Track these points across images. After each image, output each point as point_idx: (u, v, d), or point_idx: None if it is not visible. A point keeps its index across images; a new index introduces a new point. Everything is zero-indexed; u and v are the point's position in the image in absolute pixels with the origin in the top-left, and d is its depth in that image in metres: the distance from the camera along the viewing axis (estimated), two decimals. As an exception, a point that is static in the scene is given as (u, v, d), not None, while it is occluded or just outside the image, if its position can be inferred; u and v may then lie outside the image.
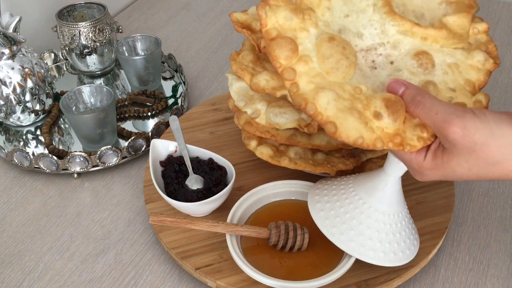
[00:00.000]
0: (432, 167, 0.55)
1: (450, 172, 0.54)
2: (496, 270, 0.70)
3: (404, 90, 0.55)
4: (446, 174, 0.55)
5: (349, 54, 0.57)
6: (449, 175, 0.55)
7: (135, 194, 0.82)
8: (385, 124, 0.54)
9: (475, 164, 0.52)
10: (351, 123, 0.53)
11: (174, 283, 0.70)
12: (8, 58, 0.88)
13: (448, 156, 0.53)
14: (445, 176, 0.55)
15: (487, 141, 0.51)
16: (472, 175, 0.54)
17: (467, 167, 0.53)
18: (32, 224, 0.78)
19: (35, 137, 0.92)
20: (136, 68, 0.98)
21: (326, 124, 0.53)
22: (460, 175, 0.54)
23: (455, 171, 0.54)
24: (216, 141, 0.87)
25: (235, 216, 0.70)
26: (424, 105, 0.54)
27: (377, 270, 0.66)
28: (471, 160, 0.52)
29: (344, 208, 0.64)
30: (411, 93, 0.54)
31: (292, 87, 0.55)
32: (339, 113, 0.54)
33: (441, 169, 0.54)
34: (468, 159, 0.52)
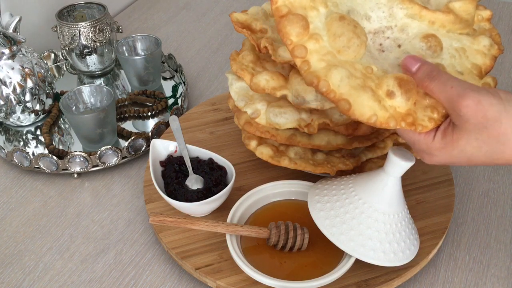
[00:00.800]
0: (442, 146, 0.53)
1: (459, 152, 0.53)
2: (496, 270, 0.70)
3: (420, 66, 0.54)
4: (456, 154, 0.53)
5: (360, 33, 0.56)
6: (459, 155, 0.53)
7: (135, 194, 0.82)
8: (398, 103, 0.54)
9: (485, 142, 0.51)
10: (365, 100, 0.53)
11: (174, 283, 0.70)
12: (8, 58, 0.88)
13: (458, 133, 0.52)
14: (454, 157, 0.54)
15: (500, 117, 0.50)
16: (482, 155, 0.52)
17: (477, 145, 0.51)
18: (32, 224, 0.78)
19: (35, 137, 0.92)
20: (136, 68, 0.98)
21: (339, 101, 0.53)
22: (470, 155, 0.52)
23: (464, 150, 0.52)
24: (216, 141, 0.87)
25: (235, 216, 0.70)
26: (439, 80, 0.53)
27: (377, 270, 0.66)
28: (482, 137, 0.51)
29: (344, 208, 0.64)
30: (427, 68, 0.54)
31: (303, 64, 0.54)
32: (352, 90, 0.53)
33: (450, 148, 0.53)
34: (479, 136, 0.51)
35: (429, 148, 0.55)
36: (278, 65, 0.71)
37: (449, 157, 0.54)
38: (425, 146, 0.55)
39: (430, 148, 0.54)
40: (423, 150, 0.55)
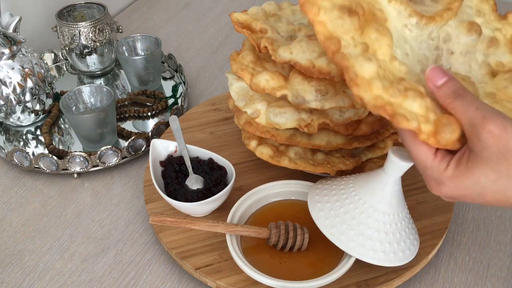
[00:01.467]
0: (455, 175, 0.49)
1: (472, 184, 0.48)
2: (496, 270, 0.70)
3: (447, 81, 0.50)
4: (468, 185, 0.49)
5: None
6: (471, 188, 0.49)
7: (135, 194, 0.82)
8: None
9: (503, 175, 0.47)
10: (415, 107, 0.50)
11: (174, 283, 0.70)
12: (8, 58, 0.88)
13: (473, 162, 0.48)
14: (465, 189, 0.49)
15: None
16: (496, 190, 0.48)
17: (493, 177, 0.47)
18: (32, 224, 0.78)
19: (35, 137, 0.92)
20: (136, 68, 0.98)
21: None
22: (483, 188, 0.48)
23: (478, 182, 0.48)
24: (216, 141, 0.87)
25: (235, 216, 0.70)
26: (464, 98, 0.49)
27: (377, 270, 0.66)
28: (500, 169, 0.47)
29: (344, 208, 0.64)
30: (454, 85, 0.50)
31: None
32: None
33: (464, 178, 0.49)
34: (496, 167, 0.47)
35: (440, 176, 0.50)
36: (278, 65, 0.71)
37: (459, 189, 0.50)
38: (437, 174, 0.50)
39: (441, 177, 0.50)
40: (434, 178, 0.51)
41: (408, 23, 0.56)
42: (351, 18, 0.51)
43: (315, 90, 0.66)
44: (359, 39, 0.51)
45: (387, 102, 0.49)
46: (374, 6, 0.54)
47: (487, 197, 0.49)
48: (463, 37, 0.58)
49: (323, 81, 0.65)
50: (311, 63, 0.64)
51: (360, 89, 0.49)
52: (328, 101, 0.66)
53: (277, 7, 0.76)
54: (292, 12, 0.75)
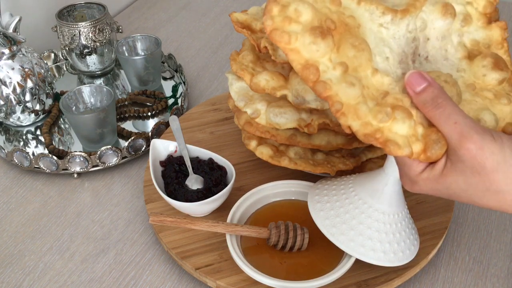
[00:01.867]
0: (429, 177, 0.51)
1: (443, 188, 0.51)
2: (496, 270, 0.70)
3: (427, 87, 0.50)
4: (439, 188, 0.51)
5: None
6: (441, 190, 0.52)
7: (135, 194, 0.82)
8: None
9: (473, 187, 0.49)
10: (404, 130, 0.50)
11: (174, 283, 0.70)
12: (8, 58, 0.88)
13: (448, 170, 0.50)
14: (436, 191, 0.52)
15: (498, 168, 0.47)
16: (465, 197, 0.51)
17: (463, 187, 0.50)
18: (32, 224, 0.78)
19: (35, 137, 0.92)
20: (136, 68, 0.98)
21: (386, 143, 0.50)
22: (452, 193, 0.51)
23: (449, 188, 0.51)
24: (216, 141, 0.87)
25: (235, 216, 0.70)
26: (444, 110, 0.49)
27: (377, 270, 0.66)
28: (471, 182, 0.49)
29: (344, 208, 0.64)
30: (434, 92, 0.50)
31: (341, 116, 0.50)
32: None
33: (435, 182, 0.51)
34: (468, 180, 0.49)
35: (416, 176, 0.52)
36: (278, 65, 0.71)
37: (431, 190, 0.52)
38: (413, 174, 0.52)
39: (417, 177, 0.52)
40: (409, 176, 0.53)
41: (383, 22, 0.54)
42: (325, 41, 0.50)
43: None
44: (336, 59, 0.50)
45: (377, 129, 0.49)
46: (344, 14, 0.52)
47: (455, 198, 0.52)
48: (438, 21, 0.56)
49: (323, 81, 0.65)
50: None
51: (347, 118, 0.49)
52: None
53: None
54: (292, 12, 0.75)
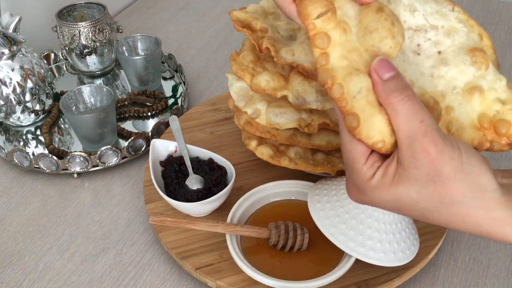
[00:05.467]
0: (377, 187, 0.47)
1: (392, 200, 0.46)
2: (496, 270, 0.70)
3: (394, 76, 0.46)
4: (388, 200, 0.47)
5: (397, 33, 0.48)
6: (390, 203, 0.47)
7: (135, 194, 0.82)
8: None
9: (426, 199, 0.45)
10: (377, 123, 0.46)
11: (174, 283, 0.70)
12: (8, 58, 0.88)
13: (400, 177, 0.45)
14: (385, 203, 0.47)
15: (454, 176, 0.44)
16: (415, 211, 0.46)
17: (415, 198, 0.45)
18: (32, 224, 0.78)
19: (35, 137, 0.92)
20: (136, 68, 0.98)
21: (348, 115, 0.46)
22: (402, 205, 0.46)
23: (399, 200, 0.46)
24: (216, 141, 0.87)
25: (235, 216, 0.70)
26: (413, 105, 0.45)
27: (377, 270, 0.66)
28: (425, 192, 0.45)
29: (344, 208, 0.64)
30: (401, 84, 0.45)
31: (322, 58, 0.46)
32: (368, 107, 0.46)
33: (385, 192, 0.46)
34: (422, 190, 0.45)
35: (363, 184, 0.48)
36: (278, 66, 0.71)
37: (379, 201, 0.48)
38: (361, 182, 0.48)
39: (365, 185, 0.47)
40: (357, 185, 0.48)
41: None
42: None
43: (316, 91, 0.66)
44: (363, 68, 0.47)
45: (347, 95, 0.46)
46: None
47: (403, 212, 0.48)
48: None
49: (323, 81, 0.65)
50: (313, 66, 0.64)
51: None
52: (328, 101, 0.66)
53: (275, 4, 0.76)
54: (292, 11, 0.75)
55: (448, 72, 0.51)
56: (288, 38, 0.70)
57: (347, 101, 0.46)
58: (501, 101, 0.51)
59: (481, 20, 1.21)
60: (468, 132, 0.52)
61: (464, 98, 0.51)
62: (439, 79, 0.52)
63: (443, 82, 0.52)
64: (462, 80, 0.51)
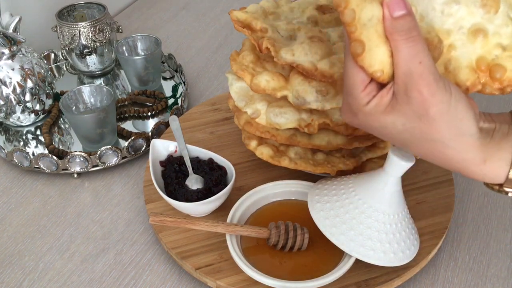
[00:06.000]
0: (370, 113, 0.50)
1: (379, 126, 0.51)
2: (496, 270, 0.70)
3: (404, 15, 0.47)
4: (375, 126, 0.51)
5: None
6: (377, 128, 0.51)
7: (135, 194, 0.82)
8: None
9: (409, 132, 0.49)
10: (381, 54, 0.48)
11: (174, 283, 0.70)
12: (8, 58, 0.88)
13: (391, 108, 0.49)
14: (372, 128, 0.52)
15: (440, 118, 0.48)
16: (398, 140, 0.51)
17: (400, 129, 0.50)
18: (32, 224, 0.78)
19: (35, 137, 0.92)
20: (136, 68, 0.98)
21: (355, 41, 0.47)
22: (387, 133, 0.51)
23: (385, 127, 0.50)
24: (216, 141, 0.87)
25: (235, 216, 0.70)
26: (415, 45, 0.47)
27: (377, 270, 0.66)
28: (409, 126, 0.49)
29: (344, 208, 0.64)
30: (410, 23, 0.47)
31: None
32: (375, 37, 0.47)
33: (375, 118, 0.50)
34: (407, 123, 0.49)
35: (358, 109, 0.51)
36: (278, 66, 0.71)
37: (367, 125, 0.52)
38: (356, 106, 0.51)
39: (358, 110, 0.51)
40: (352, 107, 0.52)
41: None
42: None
43: (316, 91, 0.66)
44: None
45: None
46: None
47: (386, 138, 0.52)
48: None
49: (324, 82, 0.65)
50: (313, 66, 0.64)
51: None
52: (328, 101, 0.66)
53: (275, 4, 0.76)
54: (290, 9, 0.75)
55: (458, 11, 0.52)
56: (288, 38, 0.70)
57: (356, 27, 0.47)
58: (503, 46, 0.52)
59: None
60: (463, 73, 0.53)
61: (468, 39, 0.53)
62: (448, 17, 0.53)
63: (452, 20, 0.53)
64: (469, 21, 0.52)
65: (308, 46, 0.65)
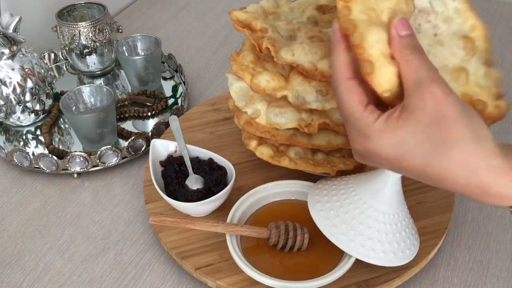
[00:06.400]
0: (383, 130, 0.48)
1: (398, 143, 0.48)
2: (496, 270, 0.70)
3: (411, 35, 0.50)
4: (394, 144, 0.48)
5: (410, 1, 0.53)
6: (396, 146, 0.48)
7: (135, 194, 0.82)
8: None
9: (429, 140, 0.47)
10: (389, 73, 0.50)
11: (174, 283, 0.70)
12: (8, 58, 0.88)
13: (405, 120, 0.48)
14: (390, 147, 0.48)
15: (457, 118, 0.46)
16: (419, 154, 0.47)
17: (420, 139, 0.47)
18: (32, 224, 0.78)
19: (35, 137, 0.92)
20: (136, 68, 0.98)
21: (364, 62, 0.50)
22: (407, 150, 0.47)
23: (404, 142, 0.47)
24: (216, 141, 0.87)
25: (235, 216, 0.70)
26: (421, 57, 0.49)
27: (377, 270, 0.66)
28: (429, 132, 0.47)
29: (344, 208, 0.64)
30: (415, 41, 0.50)
31: (344, 9, 0.50)
32: (382, 58, 0.50)
33: (391, 135, 0.48)
34: (426, 130, 0.47)
35: (367, 128, 0.49)
36: (278, 65, 0.71)
37: (384, 146, 0.49)
38: (365, 126, 0.50)
39: (369, 129, 0.49)
40: (361, 130, 0.50)
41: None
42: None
43: (316, 91, 0.66)
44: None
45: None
46: None
47: (405, 162, 0.48)
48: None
49: (324, 82, 0.65)
50: (313, 66, 0.64)
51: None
52: (328, 101, 0.66)
53: (275, 4, 0.76)
54: (290, 9, 0.75)
55: (442, 51, 0.57)
56: (288, 38, 0.70)
57: (364, 49, 0.50)
58: (480, 85, 0.56)
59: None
60: None
61: (452, 76, 0.56)
62: (433, 57, 0.57)
63: (437, 60, 0.57)
64: (452, 61, 0.57)
65: (308, 46, 0.65)
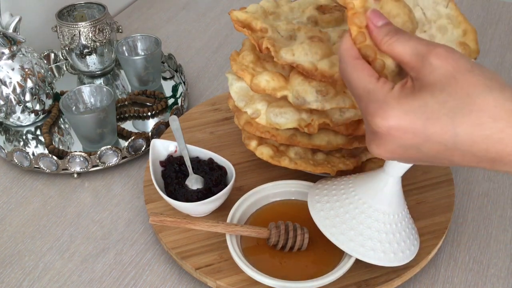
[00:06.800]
0: (401, 96, 0.46)
1: (421, 106, 0.45)
2: (496, 270, 0.70)
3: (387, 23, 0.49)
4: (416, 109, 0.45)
5: (414, 18, 0.54)
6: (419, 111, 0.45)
7: (135, 194, 0.82)
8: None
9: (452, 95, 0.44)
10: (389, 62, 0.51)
11: (174, 283, 0.70)
12: (8, 58, 0.88)
13: (420, 86, 0.45)
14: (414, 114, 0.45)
15: (471, 68, 0.44)
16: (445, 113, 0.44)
17: (442, 99, 0.44)
18: (32, 224, 0.78)
19: (35, 137, 0.92)
20: (136, 68, 0.98)
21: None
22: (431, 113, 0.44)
23: (427, 104, 0.44)
24: (216, 141, 0.87)
25: (235, 216, 0.70)
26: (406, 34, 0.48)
27: (377, 270, 0.66)
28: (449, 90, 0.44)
29: (344, 208, 0.64)
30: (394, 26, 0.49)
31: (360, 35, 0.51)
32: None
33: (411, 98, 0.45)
34: (445, 88, 0.44)
35: (385, 96, 0.47)
36: (278, 65, 0.71)
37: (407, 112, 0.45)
38: (382, 95, 0.47)
39: (387, 97, 0.46)
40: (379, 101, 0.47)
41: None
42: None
43: (316, 91, 0.66)
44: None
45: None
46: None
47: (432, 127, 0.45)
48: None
49: (324, 82, 0.65)
50: (313, 66, 0.64)
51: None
52: (328, 101, 0.66)
53: (275, 4, 0.76)
54: (290, 9, 0.75)
55: None
56: (288, 38, 0.70)
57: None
58: None
59: (481, 20, 1.22)
60: None
61: None
62: None
63: None
64: None
65: (308, 46, 0.65)
